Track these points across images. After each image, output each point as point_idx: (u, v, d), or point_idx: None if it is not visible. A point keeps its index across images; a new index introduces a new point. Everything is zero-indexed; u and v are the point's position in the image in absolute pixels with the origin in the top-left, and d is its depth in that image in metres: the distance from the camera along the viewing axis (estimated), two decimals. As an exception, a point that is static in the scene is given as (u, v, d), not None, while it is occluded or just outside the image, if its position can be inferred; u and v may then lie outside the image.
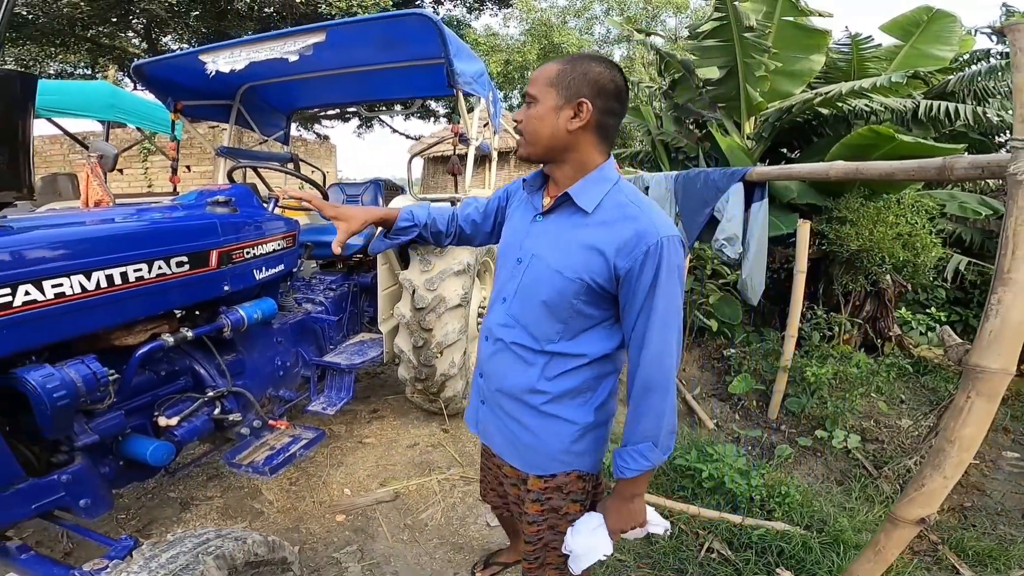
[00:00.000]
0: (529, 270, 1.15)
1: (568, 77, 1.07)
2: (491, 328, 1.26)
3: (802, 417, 3.18)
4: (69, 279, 1.44)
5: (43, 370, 1.39)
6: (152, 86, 2.89)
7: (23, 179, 1.33)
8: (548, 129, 1.09)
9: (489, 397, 1.29)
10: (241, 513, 2.45)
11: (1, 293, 1.29)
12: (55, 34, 9.42)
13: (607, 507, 1.21)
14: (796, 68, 4.41)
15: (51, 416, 1.38)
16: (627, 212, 1.07)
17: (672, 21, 17.10)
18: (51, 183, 4.45)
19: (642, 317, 1.05)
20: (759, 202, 2.38)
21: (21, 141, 1.31)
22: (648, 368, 1.07)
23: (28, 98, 1.31)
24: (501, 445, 1.30)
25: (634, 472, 1.12)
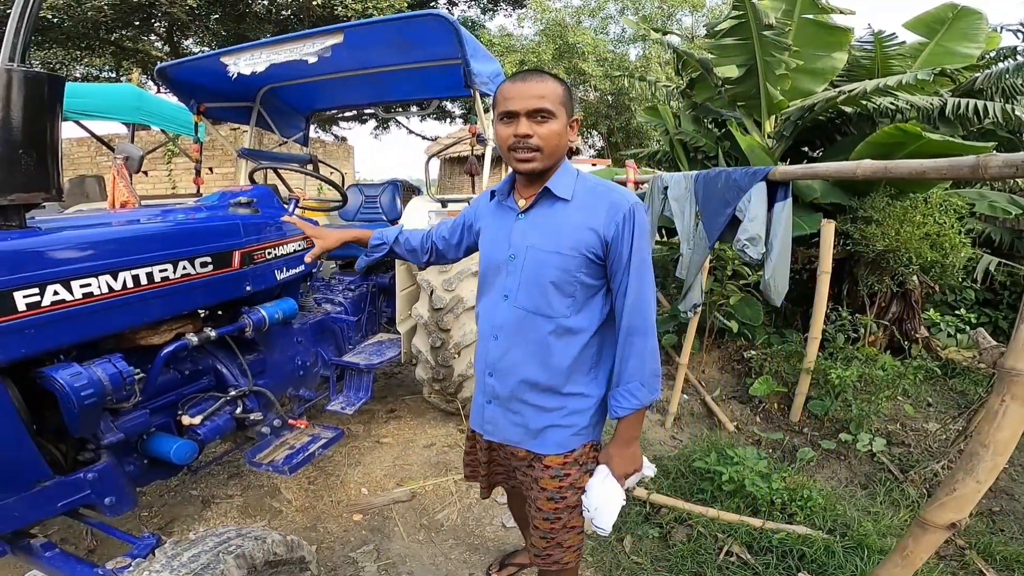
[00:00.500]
0: (528, 260, 1.26)
1: (569, 99, 1.23)
2: (499, 326, 1.32)
3: (825, 420, 3.12)
4: (97, 279, 1.46)
5: (71, 369, 1.41)
6: (175, 88, 2.93)
7: (52, 180, 1.35)
8: (564, 143, 1.24)
9: (501, 393, 1.34)
10: (260, 512, 2.48)
11: (30, 293, 1.32)
12: (80, 37, 9.67)
13: (610, 454, 1.31)
14: (818, 66, 4.33)
15: (79, 414, 1.40)
16: (598, 192, 1.25)
17: (688, 20, 16.94)
18: (79, 185, 4.56)
19: (624, 272, 1.22)
20: (782, 202, 2.34)
21: (49, 143, 1.33)
22: (630, 313, 1.23)
23: (56, 100, 1.33)
24: (516, 436, 1.36)
25: (627, 410, 1.26)
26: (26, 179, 1.30)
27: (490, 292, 1.36)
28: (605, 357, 1.33)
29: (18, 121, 1.26)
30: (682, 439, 3.15)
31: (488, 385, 1.37)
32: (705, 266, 2.96)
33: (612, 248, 1.21)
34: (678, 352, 4.15)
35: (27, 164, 1.28)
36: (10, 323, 1.29)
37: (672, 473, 2.63)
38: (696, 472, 2.56)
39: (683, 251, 2.91)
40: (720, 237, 2.58)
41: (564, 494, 1.35)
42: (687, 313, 3.01)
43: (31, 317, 1.33)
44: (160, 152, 8.88)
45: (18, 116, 1.26)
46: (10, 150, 1.26)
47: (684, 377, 3.42)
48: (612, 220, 1.20)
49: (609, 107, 16.73)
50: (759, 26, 3.79)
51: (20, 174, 1.28)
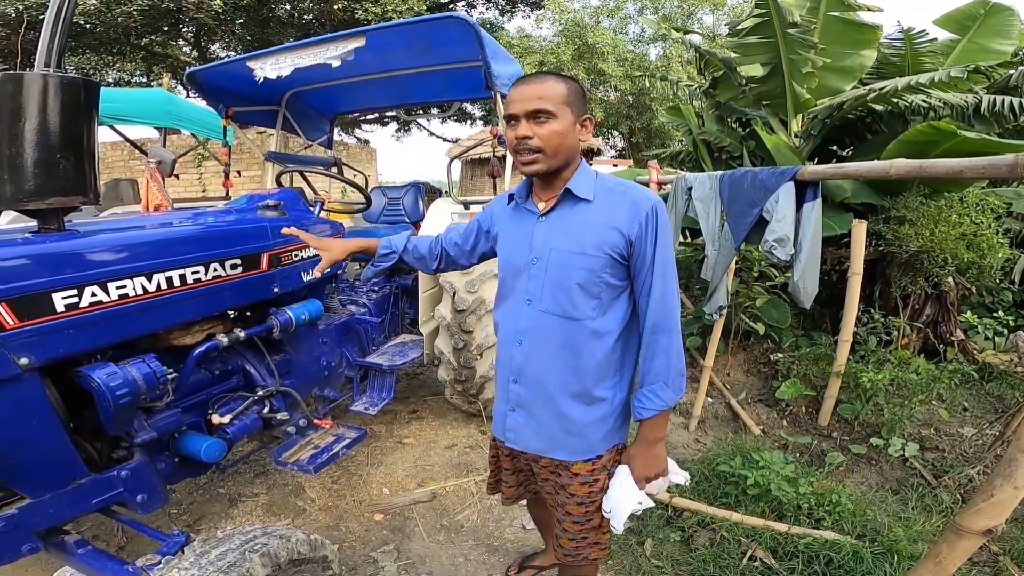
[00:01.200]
0: (552, 263, 1.25)
1: (573, 96, 1.21)
2: (523, 331, 1.30)
3: (855, 424, 3.05)
4: (132, 281, 1.50)
5: (107, 368, 1.45)
6: (204, 93, 2.99)
7: (89, 184, 1.39)
8: (570, 143, 1.23)
9: (527, 402, 1.33)
10: (285, 510, 2.52)
11: (69, 295, 1.36)
12: (112, 43, 9.95)
13: (631, 455, 1.30)
14: (846, 64, 4.23)
15: (114, 413, 1.44)
16: (619, 192, 1.25)
17: (709, 19, 16.73)
18: (113, 188, 4.68)
19: (648, 270, 1.21)
20: (812, 202, 2.28)
21: (86, 147, 1.37)
22: (655, 312, 1.22)
23: (92, 105, 1.37)
24: (540, 445, 1.34)
25: (651, 412, 1.23)
26: (64, 183, 1.34)
27: (511, 297, 1.35)
28: (628, 359, 1.33)
29: (55, 126, 1.30)
30: (706, 442, 3.11)
31: (512, 392, 1.35)
32: (731, 268, 2.90)
33: (636, 247, 1.21)
34: (702, 354, 4.08)
35: (65, 168, 1.32)
36: (49, 324, 1.33)
37: (695, 476, 2.60)
38: (720, 476, 2.51)
39: (708, 252, 2.87)
40: (746, 238, 2.54)
41: (594, 498, 1.36)
42: (712, 315, 2.96)
43: (69, 318, 1.37)
44: (191, 155, 9.08)
45: (55, 121, 1.30)
46: (48, 155, 1.30)
47: (708, 380, 3.36)
48: (635, 219, 1.20)
49: (630, 107, 16.60)
50: (783, 24, 3.72)
51: (58, 178, 1.32)
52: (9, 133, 1.26)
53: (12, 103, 1.26)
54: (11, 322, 1.26)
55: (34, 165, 1.28)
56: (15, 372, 1.28)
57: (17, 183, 1.28)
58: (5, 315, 1.25)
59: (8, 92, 1.26)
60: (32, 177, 1.29)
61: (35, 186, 1.30)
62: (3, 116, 1.25)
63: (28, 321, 1.29)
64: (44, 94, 1.29)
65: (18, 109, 1.26)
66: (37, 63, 1.30)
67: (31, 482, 1.38)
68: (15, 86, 1.26)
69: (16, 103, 1.26)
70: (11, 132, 1.26)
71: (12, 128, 1.25)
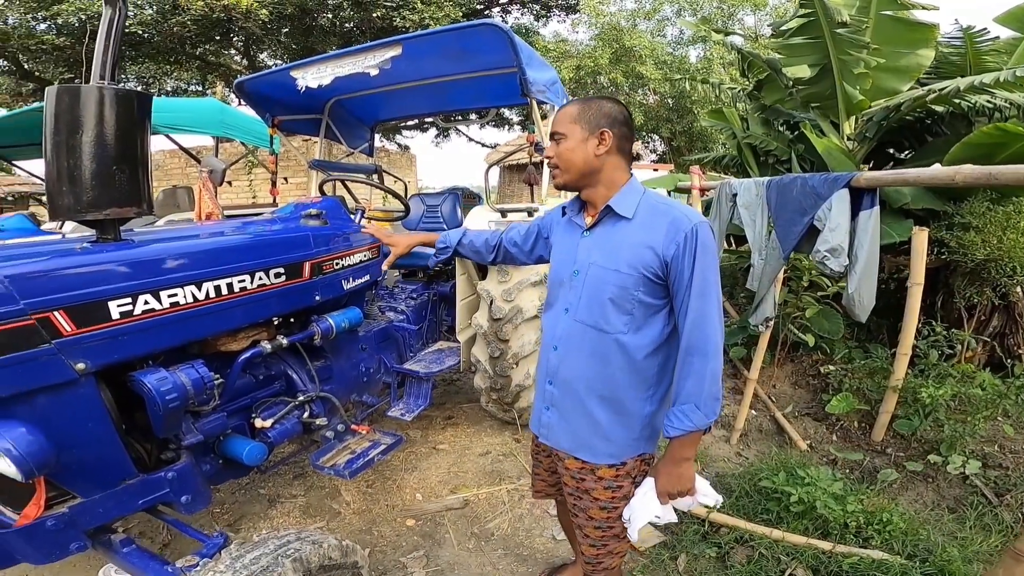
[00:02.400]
0: (590, 277, 1.31)
1: (588, 114, 1.29)
2: (559, 337, 1.38)
3: (912, 440, 2.89)
4: (183, 289, 1.55)
5: (158, 373, 1.49)
6: (252, 102, 3.08)
7: (143, 195, 1.44)
8: (580, 157, 1.30)
9: (559, 402, 1.40)
10: (321, 513, 2.56)
11: (124, 303, 1.41)
12: (168, 52, 10.45)
13: (657, 469, 1.33)
14: (901, 64, 4.02)
15: (163, 416, 1.49)
16: (659, 211, 1.27)
17: (750, 19, 16.29)
18: (171, 195, 4.88)
19: (686, 292, 1.21)
20: (869, 210, 2.15)
21: (140, 158, 1.41)
22: (690, 333, 1.22)
23: (145, 116, 1.41)
24: (569, 443, 1.40)
25: (678, 431, 1.24)
26: (120, 194, 1.38)
27: (555, 304, 1.42)
28: (666, 375, 1.35)
29: (111, 138, 1.34)
30: (748, 456, 3.01)
31: (548, 392, 1.43)
32: (778, 277, 2.79)
33: (672, 267, 1.22)
34: (747, 366, 3.96)
35: (120, 179, 1.36)
36: (105, 331, 1.38)
37: (735, 491, 2.51)
38: (761, 491, 2.43)
39: (754, 261, 2.76)
40: (796, 247, 2.42)
41: (617, 504, 1.39)
42: (758, 327, 2.85)
43: (124, 325, 1.42)
44: (241, 163, 9.42)
45: (111, 133, 1.34)
46: (105, 166, 1.34)
47: (753, 392, 3.24)
48: (672, 240, 1.22)
49: (670, 110, 16.32)
50: (831, 24, 3.58)
51: (114, 189, 1.37)
52: (67, 144, 1.30)
53: (70, 115, 1.30)
54: (69, 329, 1.31)
55: (91, 176, 1.33)
56: (72, 377, 1.33)
57: (75, 194, 1.33)
58: (63, 322, 1.30)
59: (65, 104, 1.30)
60: (90, 188, 1.34)
61: (92, 197, 1.35)
62: (61, 128, 1.30)
63: (85, 328, 1.34)
64: (100, 106, 1.33)
65: (75, 121, 1.31)
66: (92, 75, 1.35)
67: (84, 482, 1.43)
68: (72, 98, 1.31)
69: (73, 115, 1.31)
70: (69, 144, 1.30)
71: (70, 140, 1.30)
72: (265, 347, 1.88)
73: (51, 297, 1.29)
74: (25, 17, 9.20)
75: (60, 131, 1.31)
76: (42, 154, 1.35)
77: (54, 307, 1.29)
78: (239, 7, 8.62)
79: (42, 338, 1.27)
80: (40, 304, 1.27)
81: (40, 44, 9.27)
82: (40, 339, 1.27)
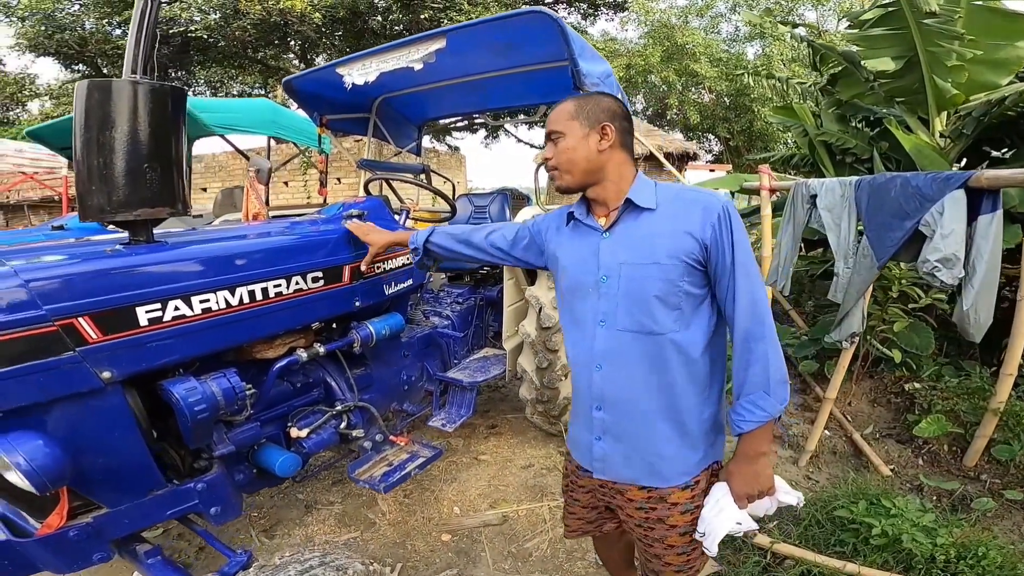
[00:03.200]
0: (624, 278, 1.19)
1: (586, 109, 1.21)
2: (602, 354, 1.23)
3: (1011, 466, 2.60)
4: (215, 295, 1.47)
5: (187, 383, 1.42)
6: (301, 101, 3.04)
7: (177, 195, 1.35)
8: (582, 155, 1.21)
9: (613, 428, 1.25)
10: (356, 522, 2.50)
11: (153, 308, 1.33)
12: (233, 56, 10.91)
13: (730, 471, 1.21)
14: (999, 56, 3.63)
15: (192, 427, 1.42)
16: (685, 197, 1.21)
17: (812, 14, 15.47)
18: (228, 195, 4.97)
19: (730, 275, 1.14)
20: (989, 214, 1.85)
21: (174, 157, 1.33)
22: (744, 318, 1.14)
23: (179, 113, 1.33)
24: (631, 473, 1.26)
25: (752, 424, 1.15)
26: (152, 194, 1.31)
27: (583, 319, 1.27)
28: (717, 372, 1.25)
29: (144, 135, 1.27)
30: (818, 480, 2.77)
31: (597, 420, 1.26)
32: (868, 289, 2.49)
33: (713, 251, 1.15)
34: (819, 381, 3.68)
35: (152, 178, 1.28)
36: (132, 338, 1.31)
37: (804, 520, 2.29)
38: (835, 520, 2.20)
39: (838, 270, 2.47)
40: (894, 255, 2.12)
41: (696, 525, 1.26)
42: (842, 343, 2.55)
43: (153, 332, 1.35)
44: (297, 163, 9.67)
45: (144, 129, 1.27)
46: (136, 164, 1.27)
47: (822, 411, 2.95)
48: (707, 222, 1.15)
49: (727, 109, 15.73)
50: (917, 14, 3.27)
51: (145, 188, 1.29)
52: (97, 142, 1.23)
53: (100, 111, 1.23)
54: (94, 336, 1.25)
55: (122, 175, 1.26)
56: (98, 385, 1.27)
57: (105, 194, 1.26)
58: (89, 329, 1.24)
59: (96, 100, 1.23)
60: (120, 188, 1.26)
61: (123, 197, 1.27)
62: (91, 125, 1.23)
63: (112, 335, 1.27)
64: (132, 102, 1.26)
65: (106, 117, 1.23)
66: (125, 70, 1.28)
67: (110, 492, 1.39)
68: (102, 94, 1.24)
69: (104, 111, 1.24)
70: (99, 141, 1.23)
71: (100, 137, 1.23)
72: (301, 355, 1.80)
73: (76, 303, 1.22)
74: (101, 22, 9.76)
75: (90, 128, 1.24)
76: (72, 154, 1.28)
77: (79, 313, 1.22)
78: (294, 11, 8.86)
79: (66, 346, 1.21)
80: (64, 310, 1.20)
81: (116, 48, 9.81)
82: (64, 347, 1.21)
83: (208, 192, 10.84)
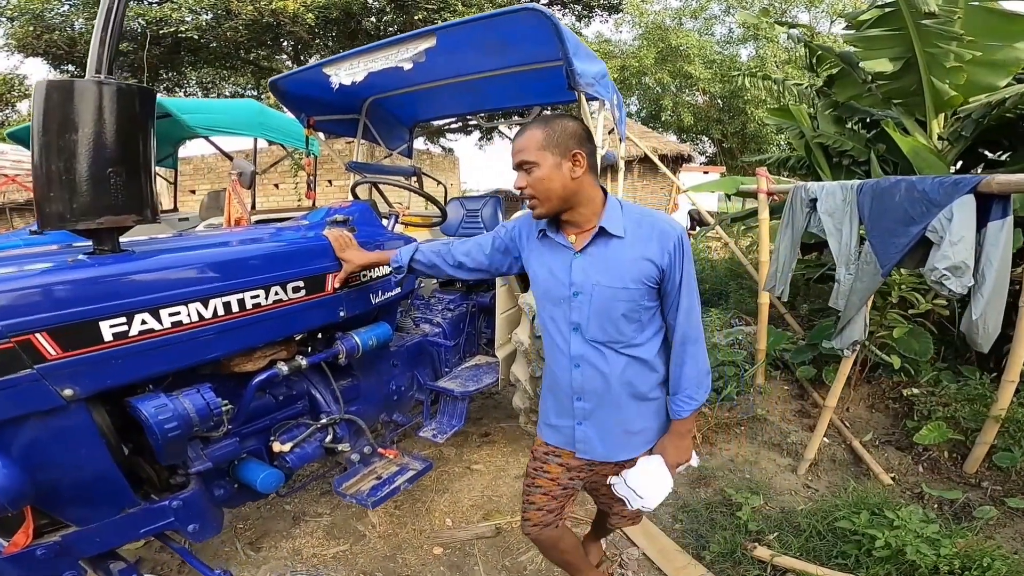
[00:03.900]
0: (596, 297, 1.34)
1: (555, 137, 1.28)
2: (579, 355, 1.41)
3: (1013, 473, 2.57)
4: (187, 307, 1.39)
5: (157, 400, 1.35)
6: (288, 102, 2.96)
7: (145, 201, 1.27)
8: (558, 184, 1.29)
9: (591, 413, 1.45)
10: (345, 535, 2.43)
11: (117, 323, 1.25)
12: (225, 57, 10.80)
13: (665, 446, 1.47)
14: (997, 57, 3.59)
15: (163, 446, 1.35)
16: (646, 223, 1.35)
17: (805, 16, 15.53)
18: (215, 198, 4.86)
19: (677, 291, 1.35)
20: (999, 220, 1.79)
21: (142, 161, 1.24)
22: (683, 325, 1.37)
23: (148, 115, 1.24)
24: (607, 449, 1.47)
25: (688, 412, 1.41)
26: (116, 200, 1.22)
27: (557, 321, 1.43)
28: (663, 364, 1.46)
29: (108, 138, 1.18)
30: (818, 488, 2.71)
31: (578, 408, 1.46)
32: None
33: (667, 273, 1.33)
34: (815, 386, 3.64)
35: (116, 183, 1.19)
36: (96, 354, 1.23)
37: (805, 531, 2.25)
38: (836, 532, 2.17)
39: (840, 277, 2.41)
40: (899, 262, 2.06)
41: None
42: (844, 351, 2.49)
43: (118, 347, 1.27)
44: (288, 165, 9.53)
45: (108, 132, 1.18)
46: (99, 169, 1.18)
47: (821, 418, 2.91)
48: (664, 250, 1.32)
49: (721, 111, 15.74)
50: (915, 15, 3.25)
51: (109, 195, 1.20)
52: (57, 145, 1.15)
53: (61, 113, 1.15)
54: (54, 353, 1.17)
55: (84, 181, 1.17)
56: (59, 404, 1.19)
57: (66, 201, 1.17)
58: (47, 345, 1.16)
59: (56, 101, 1.15)
60: (82, 194, 1.18)
61: (85, 204, 1.19)
62: (50, 127, 1.14)
63: (73, 352, 1.19)
64: (96, 102, 1.17)
65: (67, 120, 1.15)
66: (88, 69, 1.19)
67: (79, 511, 1.32)
68: (63, 94, 1.15)
69: (65, 113, 1.15)
70: (59, 144, 1.15)
71: (60, 140, 1.15)
72: (283, 369, 1.71)
73: (33, 318, 1.14)
74: (90, 23, 9.63)
75: (49, 130, 1.16)
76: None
77: (37, 328, 1.14)
78: (286, 11, 8.76)
79: (23, 363, 1.13)
80: (21, 326, 1.12)
81: (106, 50, 9.65)
82: (21, 364, 1.13)
83: (196, 195, 10.69)
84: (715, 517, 2.43)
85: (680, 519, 2.47)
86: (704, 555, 2.20)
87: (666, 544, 2.26)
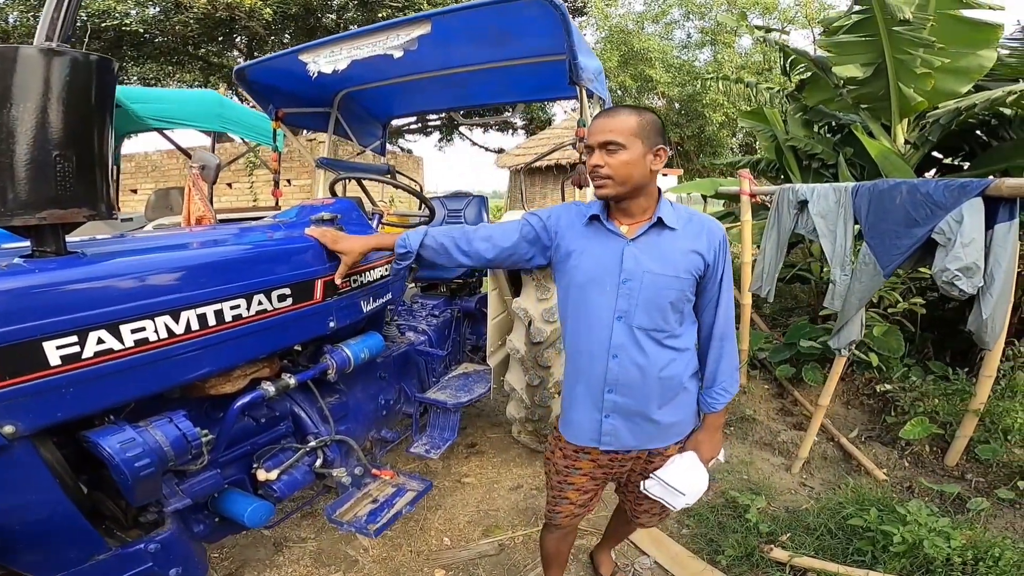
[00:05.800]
0: (646, 284, 1.36)
1: (646, 128, 1.32)
2: (618, 345, 1.40)
3: (994, 465, 2.65)
4: (153, 321, 1.16)
5: (122, 434, 1.13)
6: (254, 92, 2.72)
7: (99, 194, 1.04)
8: (638, 172, 1.33)
9: (622, 407, 1.43)
10: (335, 560, 2.22)
11: (66, 343, 1.02)
12: (171, 52, 10.20)
13: (698, 440, 1.51)
14: (962, 65, 3.76)
15: (133, 486, 1.13)
16: (695, 220, 1.42)
17: (759, 22, 16.11)
18: (163, 197, 4.45)
19: (717, 287, 1.43)
20: (1006, 223, 1.81)
21: (97, 146, 1.02)
22: (722, 321, 1.45)
23: (106, 92, 1.02)
24: (636, 442, 1.48)
25: (722, 405, 1.49)
26: (63, 192, 0.99)
27: (598, 310, 1.41)
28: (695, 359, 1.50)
29: (55, 115, 0.95)
30: (813, 486, 2.72)
31: (608, 400, 1.44)
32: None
33: (710, 269, 1.40)
34: (796, 385, 3.68)
35: (64, 171, 0.97)
36: (39, 382, 1.00)
37: (816, 530, 2.25)
38: (847, 529, 2.21)
39: (834, 278, 2.39)
40: (902, 264, 2.04)
41: None
42: (841, 351, 2.48)
43: (68, 373, 1.03)
44: (242, 163, 9.01)
45: (55, 109, 0.95)
46: (42, 153, 0.95)
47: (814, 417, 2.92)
48: (711, 245, 1.39)
49: (679, 114, 16.07)
50: (889, 21, 3.35)
51: (55, 184, 0.97)
52: (-11, 124, 0.92)
53: (0, 84, 0.92)
54: (-14, 382, 0.93)
55: (23, 166, 0.94)
56: None
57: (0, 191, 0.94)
58: None
59: (-10, 70, 0.92)
60: (19, 182, 0.95)
61: (23, 195, 0.96)
62: (-19, 102, 0.91)
63: (10, 381, 0.96)
64: (43, 74, 0.95)
65: (5, 93, 0.93)
66: (38, 36, 0.97)
67: (39, 562, 1.12)
68: (3, 63, 0.93)
69: (5, 84, 0.93)
70: (-7, 122, 0.92)
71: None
72: (268, 390, 1.51)
73: (-43, 339, 0.91)
74: (25, 16, 8.91)
75: (-20, 106, 0.93)
76: None
77: (-38, 352, 0.91)
78: (242, 6, 8.34)
79: (-52, 396, 0.90)
80: (-58, 349, 0.89)
81: (40, 43, 9.01)
82: (-55, 397, 0.90)
83: (139, 195, 9.98)
84: (722, 520, 2.38)
85: (687, 524, 2.40)
86: (719, 559, 2.15)
87: (677, 550, 2.19)
